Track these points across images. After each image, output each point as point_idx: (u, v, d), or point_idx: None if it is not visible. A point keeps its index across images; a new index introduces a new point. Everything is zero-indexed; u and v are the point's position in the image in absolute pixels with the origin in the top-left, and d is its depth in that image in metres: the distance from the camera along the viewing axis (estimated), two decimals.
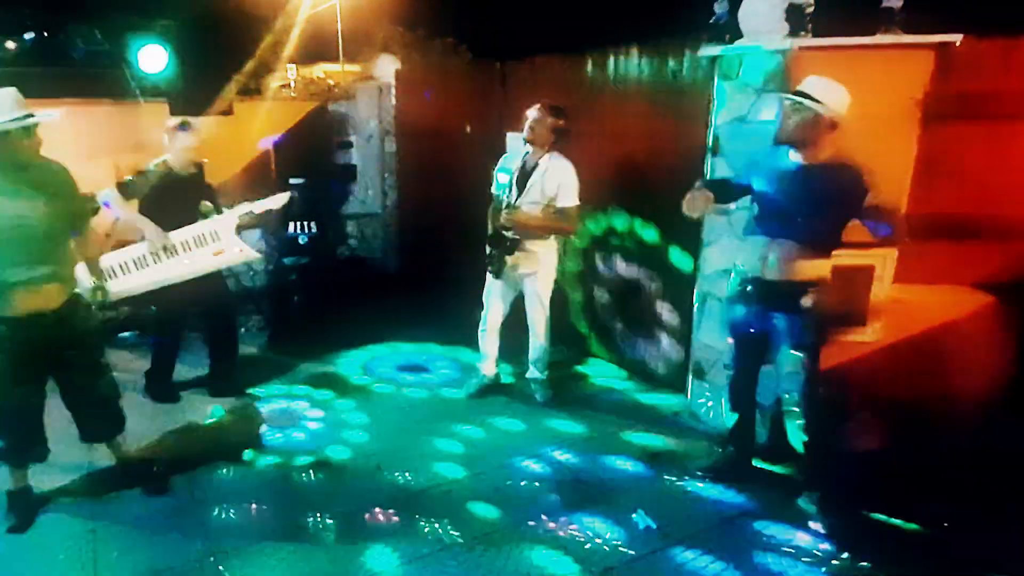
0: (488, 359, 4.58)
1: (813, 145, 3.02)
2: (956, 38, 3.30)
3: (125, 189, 3.97)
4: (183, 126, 4.07)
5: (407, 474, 3.64)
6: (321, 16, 7.35)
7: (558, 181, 4.04)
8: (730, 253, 3.89)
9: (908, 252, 3.56)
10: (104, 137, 5.44)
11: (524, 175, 4.12)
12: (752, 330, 3.35)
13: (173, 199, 4.06)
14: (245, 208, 4.15)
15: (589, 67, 4.93)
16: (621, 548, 3.07)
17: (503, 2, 6.80)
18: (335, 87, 7.18)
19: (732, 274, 3.47)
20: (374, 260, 7.33)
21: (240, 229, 4.16)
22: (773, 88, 3.55)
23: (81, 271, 3.32)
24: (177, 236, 4.04)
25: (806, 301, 3.11)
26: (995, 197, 3.48)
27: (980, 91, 3.41)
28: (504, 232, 4.14)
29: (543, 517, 3.28)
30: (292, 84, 7.05)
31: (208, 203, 4.20)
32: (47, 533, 3.16)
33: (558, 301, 4.48)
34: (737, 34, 3.66)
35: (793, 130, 3.03)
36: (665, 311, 4.67)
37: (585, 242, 5.16)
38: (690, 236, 4.18)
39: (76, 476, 3.55)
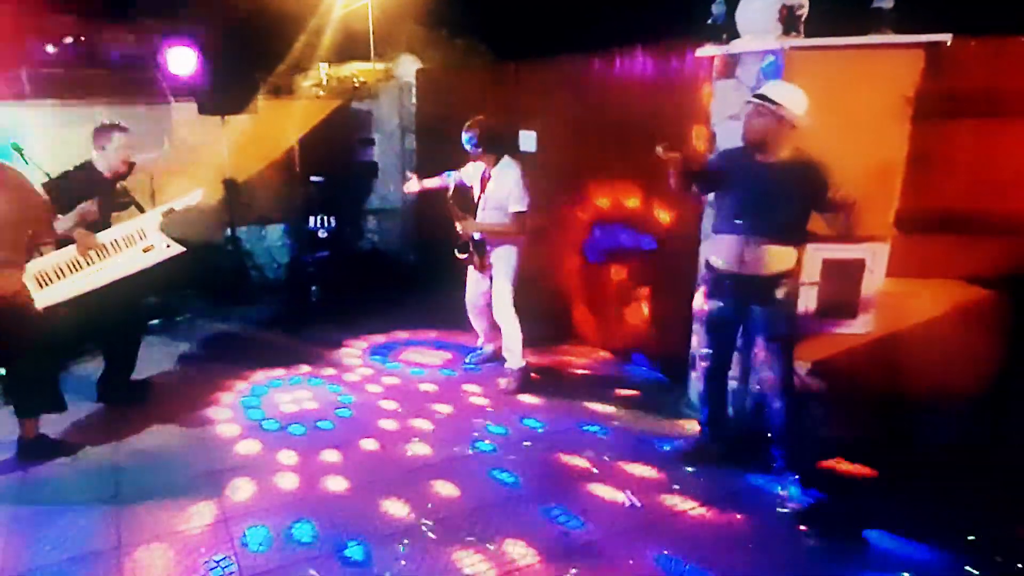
0: (480, 334, 5.06)
1: (775, 145, 3.21)
2: (946, 38, 3.39)
3: (50, 190, 3.92)
4: (119, 128, 4.15)
5: (420, 452, 3.86)
6: (350, 16, 7.54)
7: (506, 188, 4.38)
8: None
9: (900, 246, 3.67)
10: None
11: (483, 186, 4.54)
12: (728, 323, 3.51)
13: (100, 201, 4.04)
14: (166, 206, 4.28)
15: (594, 67, 5.07)
16: (605, 525, 3.23)
17: (520, 2, 6.94)
18: (362, 85, 7.37)
19: (705, 269, 3.60)
20: (393, 254, 7.56)
21: (163, 226, 4.25)
22: None
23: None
24: (106, 236, 4.07)
25: (779, 293, 3.29)
26: (984, 192, 3.57)
27: (969, 89, 3.50)
28: (466, 240, 4.58)
29: (531, 494, 3.46)
30: (324, 83, 7.28)
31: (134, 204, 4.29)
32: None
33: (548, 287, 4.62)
34: (735, 34, 3.78)
35: (757, 131, 3.21)
36: (665, 297, 4.78)
37: (584, 223, 5.30)
38: (691, 221, 4.28)
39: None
